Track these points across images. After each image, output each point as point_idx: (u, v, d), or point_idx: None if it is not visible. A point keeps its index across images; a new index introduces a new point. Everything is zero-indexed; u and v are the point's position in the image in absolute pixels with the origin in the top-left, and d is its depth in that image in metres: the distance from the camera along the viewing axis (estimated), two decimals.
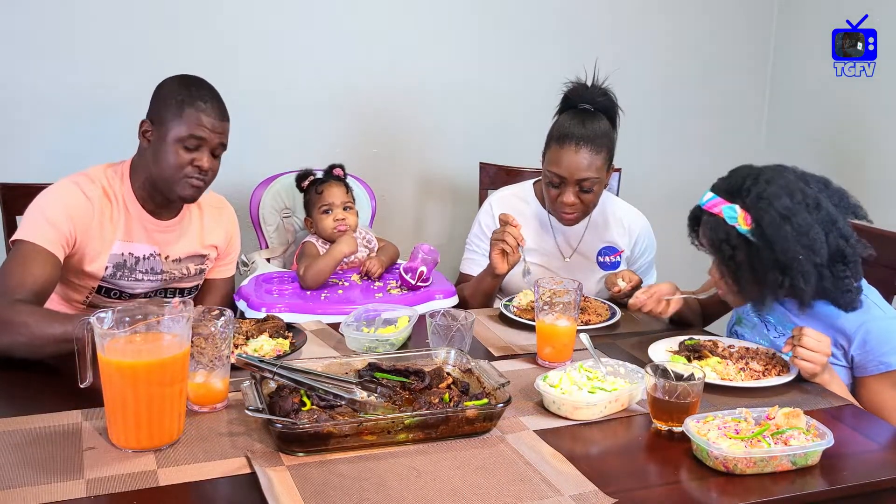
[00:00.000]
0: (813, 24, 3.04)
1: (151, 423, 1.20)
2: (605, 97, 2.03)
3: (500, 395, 1.32)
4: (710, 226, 1.62)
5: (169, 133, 1.73)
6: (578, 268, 2.16)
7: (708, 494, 1.16)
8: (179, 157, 1.73)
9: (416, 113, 2.81)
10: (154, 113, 1.77)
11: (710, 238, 1.62)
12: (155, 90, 1.80)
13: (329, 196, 2.17)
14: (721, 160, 3.24)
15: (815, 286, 1.55)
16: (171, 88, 1.76)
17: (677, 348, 1.67)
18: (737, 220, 1.57)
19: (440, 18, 2.78)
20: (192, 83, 1.78)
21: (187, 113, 1.72)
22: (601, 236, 2.18)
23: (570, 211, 2.01)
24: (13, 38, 2.34)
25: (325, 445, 1.21)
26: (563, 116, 2.02)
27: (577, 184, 1.96)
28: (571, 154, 1.94)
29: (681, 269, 3.34)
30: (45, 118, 2.41)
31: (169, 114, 1.73)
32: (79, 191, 1.74)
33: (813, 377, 1.53)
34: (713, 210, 1.61)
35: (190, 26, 2.49)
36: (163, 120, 1.74)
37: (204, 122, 1.73)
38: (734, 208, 1.57)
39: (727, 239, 1.58)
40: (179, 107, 1.73)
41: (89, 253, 1.75)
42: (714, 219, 1.61)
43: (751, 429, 1.25)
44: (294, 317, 1.82)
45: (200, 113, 1.73)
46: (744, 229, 1.56)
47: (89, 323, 1.21)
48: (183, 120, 1.72)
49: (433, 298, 1.98)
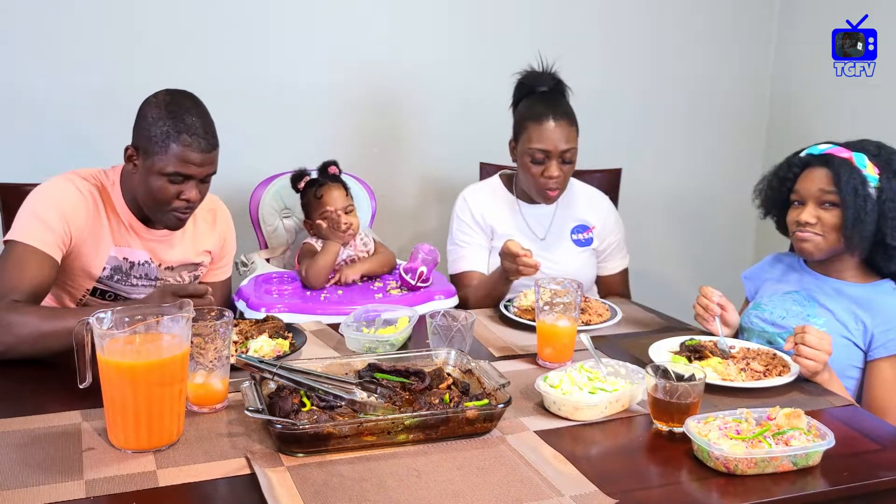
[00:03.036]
0: (813, 24, 3.04)
1: (151, 423, 1.20)
2: (556, 81, 2.15)
3: (501, 395, 1.32)
4: (841, 166, 1.66)
5: (154, 166, 1.65)
6: (554, 247, 2.21)
7: (709, 495, 1.16)
8: (166, 190, 1.66)
9: (416, 113, 2.81)
10: (138, 140, 1.68)
11: (840, 178, 1.66)
12: (139, 112, 1.69)
13: (329, 200, 2.13)
14: (721, 161, 3.30)
15: None
16: (156, 115, 1.65)
17: (678, 349, 1.67)
18: (866, 167, 1.66)
19: (441, 19, 2.78)
20: (178, 110, 1.65)
21: (173, 149, 1.63)
22: (571, 214, 2.25)
23: (556, 185, 2.08)
24: (13, 38, 2.34)
25: (325, 446, 1.21)
26: (529, 100, 2.12)
27: (560, 155, 2.05)
28: (552, 128, 2.04)
29: (681, 269, 3.37)
30: (45, 118, 2.41)
31: (154, 146, 1.64)
32: (72, 187, 1.70)
33: (813, 376, 1.53)
34: (842, 155, 1.68)
35: (190, 27, 2.49)
36: (147, 151, 1.65)
37: (191, 157, 1.64)
38: (863, 156, 1.67)
39: (861, 180, 1.65)
40: (164, 140, 1.63)
41: (85, 252, 1.72)
42: (845, 162, 1.67)
43: (752, 429, 1.24)
44: (294, 317, 1.82)
45: (186, 148, 1.63)
46: (871, 176, 1.65)
47: (89, 323, 1.21)
48: (168, 155, 1.63)
49: (433, 299, 1.98)
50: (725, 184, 3.29)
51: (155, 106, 1.66)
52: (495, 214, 2.21)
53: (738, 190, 3.33)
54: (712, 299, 1.74)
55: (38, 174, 2.23)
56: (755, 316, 1.82)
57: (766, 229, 3.26)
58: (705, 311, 1.75)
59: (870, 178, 1.66)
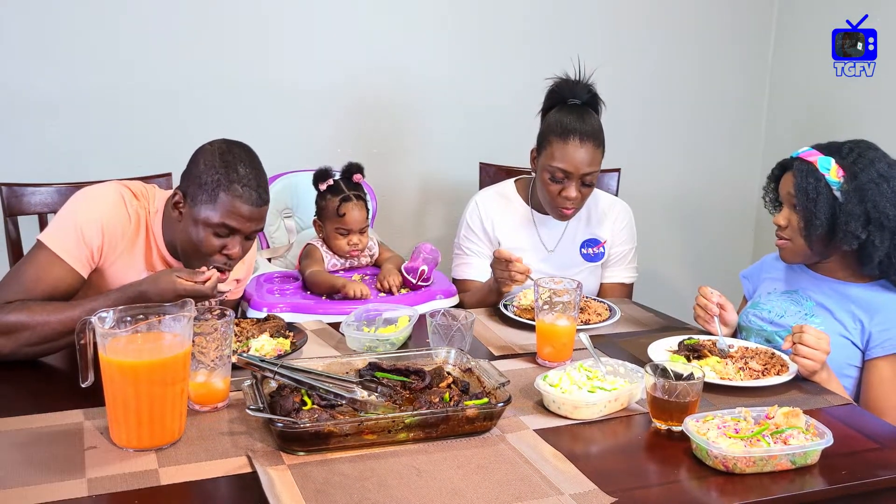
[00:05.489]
0: (813, 24, 3.04)
1: (153, 422, 1.21)
2: (591, 93, 2.05)
3: (500, 394, 1.33)
4: (800, 172, 1.70)
5: (200, 215, 1.56)
6: (562, 260, 2.17)
7: (707, 493, 1.16)
8: (209, 243, 1.57)
9: (416, 113, 2.81)
10: (187, 186, 1.59)
11: (797, 182, 1.70)
12: (192, 157, 1.62)
13: (350, 221, 2.09)
14: (720, 161, 3.30)
15: (888, 250, 1.65)
16: (209, 162, 1.57)
17: (677, 348, 1.67)
18: (829, 171, 1.67)
19: (441, 19, 2.78)
20: (234, 160, 1.57)
21: (222, 199, 1.54)
22: (584, 229, 2.20)
23: (572, 205, 2.02)
24: (12, 38, 2.34)
25: (326, 445, 1.21)
26: (558, 112, 2.02)
27: (580, 178, 1.98)
28: (577, 149, 1.95)
29: (680, 269, 3.37)
30: (46, 118, 2.41)
31: (203, 194, 1.55)
32: (121, 203, 1.63)
33: (812, 375, 1.54)
34: (808, 158, 1.70)
35: (192, 28, 2.50)
36: (195, 199, 1.57)
37: (240, 210, 1.55)
38: (829, 160, 1.68)
39: (815, 185, 1.67)
40: (214, 189, 1.55)
41: (114, 271, 1.64)
42: (807, 166, 1.69)
43: (750, 428, 1.25)
44: (295, 316, 1.82)
45: (236, 199, 1.55)
46: (833, 180, 1.66)
47: (90, 322, 1.22)
48: (217, 206, 1.55)
49: (433, 298, 1.98)
50: (725, 184, 3.29)
51: (210, 153, 1.59)
52: (505, 225, 2.16)
53: (737, 190, 3.35)
54: (711, 300, 1.75)
55: (38, 174, 2.25)
56: (753, 315, 1.83)
57: (764, 229, 3.29)
58: (704, 312, 1.76)
59: (832, 181, 1.66)
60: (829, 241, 1.69)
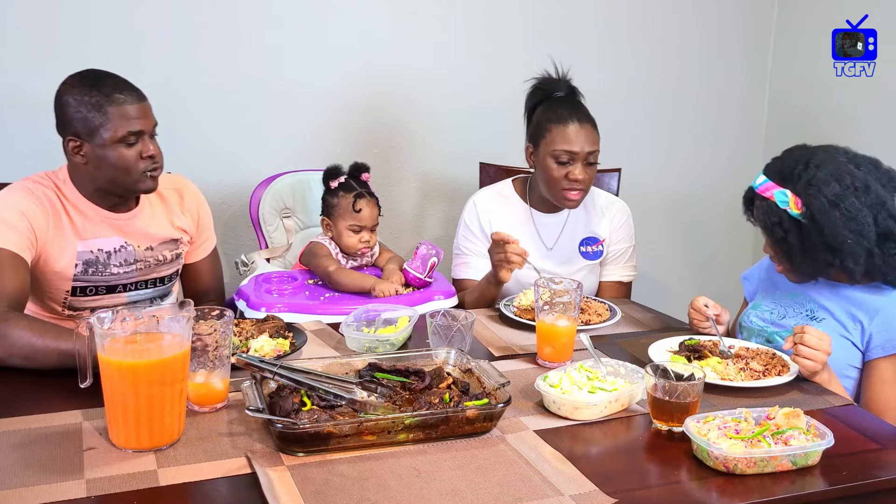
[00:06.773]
0: (813, 24, 3.04)
1: (152, 422, 1.20)
2: (571, 88, 2.14)
3: (501, 395, 1.33)
4: (762, 209, 1.70)
5: (105, 139, 1.65)
6: (561, 258, 2.19)
7: (708, 494, 1.16)
8: (126, 156, 1.67)
9: (416, 113, 2.81)
10: (73, 129, 1.67)
11: (763, 221, 1.70)
12: (58, 104, 1.69)
13: (365, 218, 2.11)
14: (720, 160, 3.30)
15: (865, 265, 1.62)
16: (77, 95, 1.65)
17: (677, 348, 1.67)
18: (788, 205, 1.65)
19: (441, 19, 2.78)
20: (96, 80, 1.67)
21: (112, 113, 1.64)
22: (583, 226, 2.22)
23: (580, 186, 2.05)
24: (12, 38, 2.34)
25: (326, 445, 1.21)
26: (549, 104, 2.10)
27: (585, 157, 2.03)
28: (577, 130, 2.02)
29: (680, 269, 3.37)
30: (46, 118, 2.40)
31: (93, 122, 1.64)
32: (28, 193, 1.70)
33: (812, 376, 1.54)
34: (765, 194, 1.69)
35: (191, 27, 2.49)
36: (90, 131, 1.65)
37: (131, 112, 1.66)
38: (785, 193, 1.65)
39: (779, 222, 1.67)
40: (100, 110, 1.64)
41: (52, 253, 1.71)
42: (766, 203, 1.69)
43: (751, 429, 1.25)
44: (294, 317, 1.82)
45: (125, 105, 1.65)
46: (795, 213, 1.64)
47: (89, 323, 1.21)
48: (112, 121, 1.64)
49: (433, 298, 1.98)
50: (725, 184, 3.28)
51: (72, 87, 1.67)
52: (503, 224, 2.16)
53: (737, 191, 3.29)
54: (704, 313, 1.76)
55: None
56: (754, 315, 1.83)
57: None
58: (698, 314, 1.77)
59: (794, 214, 1.64)
60: (812, 264, 1.68)
